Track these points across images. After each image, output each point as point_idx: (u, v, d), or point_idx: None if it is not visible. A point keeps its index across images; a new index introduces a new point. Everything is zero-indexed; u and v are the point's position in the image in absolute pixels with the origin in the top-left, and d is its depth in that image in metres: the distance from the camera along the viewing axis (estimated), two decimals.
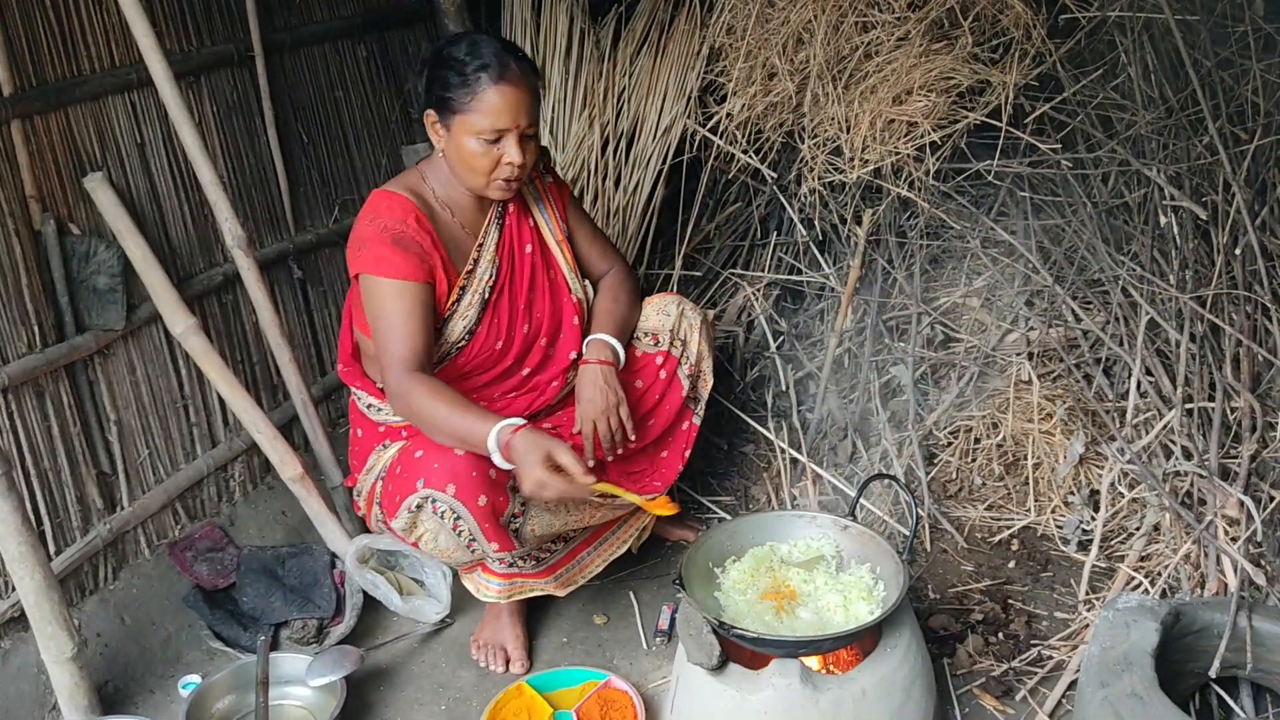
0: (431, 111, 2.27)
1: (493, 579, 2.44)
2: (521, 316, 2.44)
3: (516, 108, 2.20)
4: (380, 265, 2.23)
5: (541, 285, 2.47)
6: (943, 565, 2.77)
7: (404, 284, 2.22)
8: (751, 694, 2.01)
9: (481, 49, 2.21)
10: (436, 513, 2.19)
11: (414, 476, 2.21)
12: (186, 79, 2.81)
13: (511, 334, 2.43)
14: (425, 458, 2.21)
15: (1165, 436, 2.55)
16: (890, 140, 2.85)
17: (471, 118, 2.20)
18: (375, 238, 2.24)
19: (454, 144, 2.25)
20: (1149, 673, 1.96)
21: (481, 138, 2.21)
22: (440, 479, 2.17)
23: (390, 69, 3.66)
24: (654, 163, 3.39)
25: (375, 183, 3.55)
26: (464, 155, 2.25)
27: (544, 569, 2.47)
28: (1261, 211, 2.61)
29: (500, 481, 2.23)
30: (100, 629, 2.49)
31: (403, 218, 2.26)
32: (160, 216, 2.76)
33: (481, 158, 2.23)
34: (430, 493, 2.18)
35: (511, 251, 2.43)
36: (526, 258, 2.45)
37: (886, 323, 3.20)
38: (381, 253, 2.23)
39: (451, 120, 2.23)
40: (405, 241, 2.24)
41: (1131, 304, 2.77)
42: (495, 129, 2.20)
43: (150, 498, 2.69)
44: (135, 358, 2.68)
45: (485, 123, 2.19)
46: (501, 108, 2.19)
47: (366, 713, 2.39)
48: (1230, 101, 2.73)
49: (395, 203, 2.29)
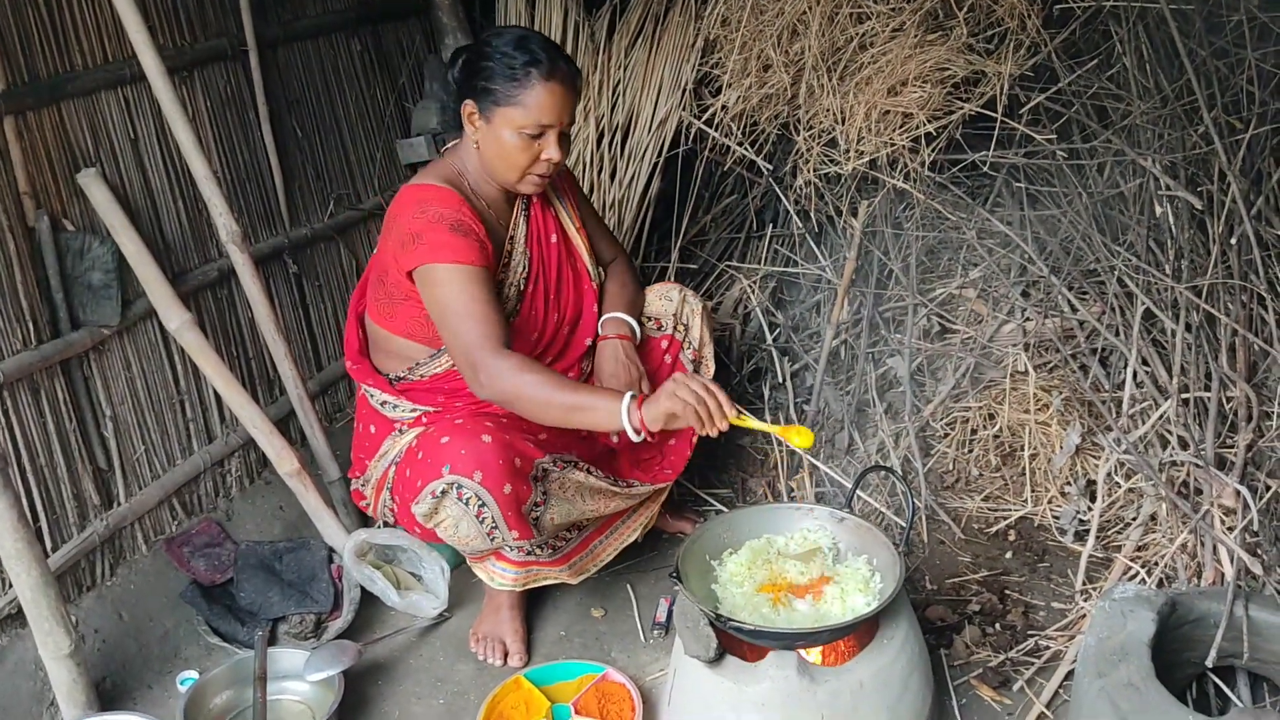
0: (470, 102, 2.25)
1: (508, 567, 2.44)
2: (552, 305, 2.46)
3: (563, 105, 2.22)
4: (443, 252, 2.20)
5: (566, 274, 2.50)
6: (940, 556, 2.77)
7: (473, 269, 2.20)
8: (749, 686, 2.02)
9: (531, 44, 2.20)
10: (461, 499, 2.19)
11: (439, 462, 2.19)
12: (180, 74, 2.80)
13: (544, 322, 2.45)
14: (451, 444, 2.20)
15: (1161, 426, 2.55)
16: (885, 131, 2.86)
17: (515, 111, 2.19)
18: (431, 226, 2.21)
19: (493, 136, 2.24)
20: (1146, 663, 1.96)
21: (524, 132, 2.21)
22: (467, 466, 2.17)
23: (384, 62, 3.65)
24: (649, 155, 3.38)
25: (370, 177, 3.56)
26: (503, 148, 2.24)
27: (559, 557, 2.48)
28: (1257, 201, 2.61)
29: (524, 470, 2.24)
30: (98, 625, 2.48)
31: (456, 206, 2.25)
32: (154, 212, 2.75)
33: (521, 152, 2.23)
34: (456, 479, 2.17)
35: (540, 241, 2.45)
36: (553, 247, 2.47)
37: (883, 314, 3.20)
38: (442, 239, 2.20)
39: (493, 113, 2.22)
40: (464, 228, 2.23)
41: (1127, 294, 2.77)
42: (540, 124, 2.20)
43: (147, 494, 2.69)
44: (130, 354, 2.67)
45: (531, 118, 2.19)
46: (549, 104, 2.19)
47: (365, 707, 2.39)
48: (1225, 91, 2.73)
49: (443, 193, 2.27)
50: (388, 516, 2.49)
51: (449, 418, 2.32)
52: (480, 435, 2.19)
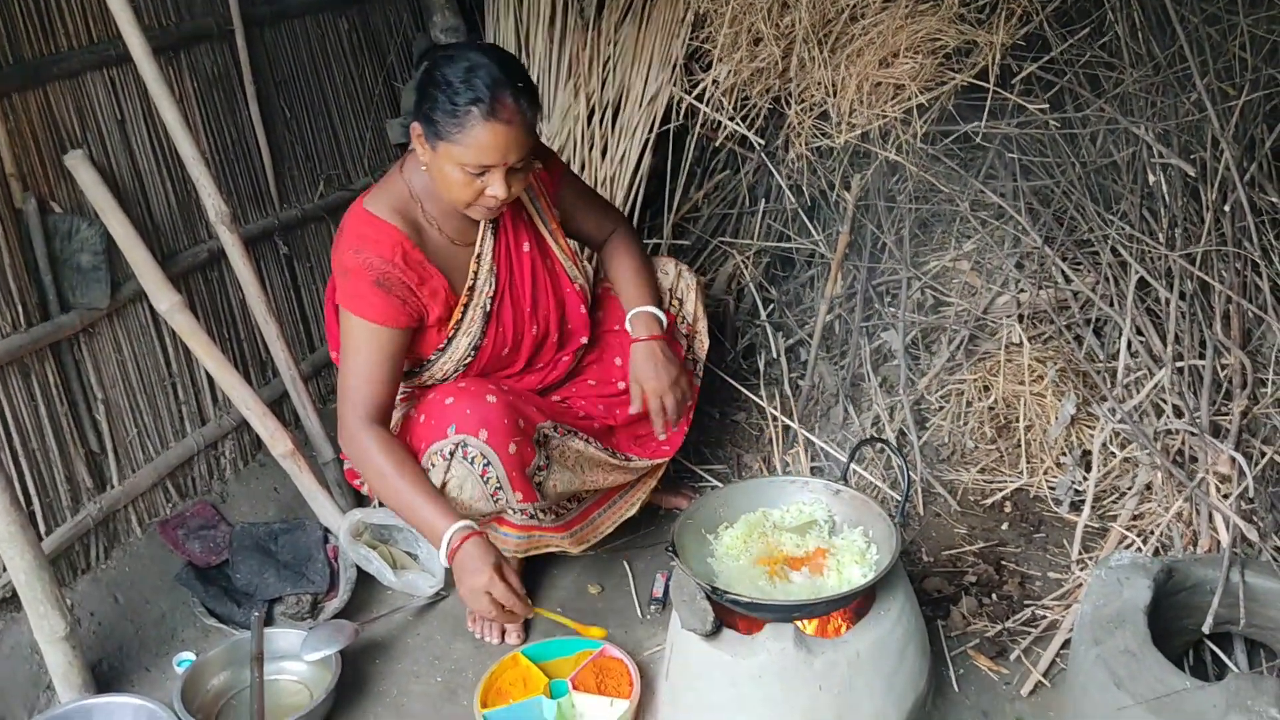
0: (418, 125, 2.14)
1: (511, 532, 2.43)
2: (528, 321, 2.41)
3: (506, 146, 2.08)
4: (358, 304, 2.19)
5: (543, 283, 2.43)
6: (936, 529, 2.77)
7: (379, 329, 2.20)
8: (746, 659, 2.02)
9: (476, 78, 2.05)
10: (467, 458, 2.19)
11: (444, 423, 2.20)
12: (166, 54, 2.78)
13: (519, 338, 2.41)
14: (456, 404, 2.21)
15: (1156, 395, 2.55)
16: (877, 104, 2.84)
17: (456, 150, 2.08)
18: (358, 273, 2.18)
19: (437, 166, 2.14)
20: (1142, 629, 1.97)
21: (465, 169, 2.10)
22: (473, 424, 2.18)
23: (373, 41, 3.63)
24: (640, 132, 3.36)
25: (360, 156, 3.54)
26: (447, 180, 2.14)
27: (562, 524, 2.48)
28: (1250, 167, 2.60)
29: (528, 433, 2.25)
30: (93, 608, 2.48)
31: (389, 256, 2.18)
32: (142, 193, 2.73)
33: (464, 187, 2.13)
34: (463, 437, 2.18)
35: (509, 254, 2.38)
36: (525, 256, 2.40)
37: (876, 288, 3.19)
38: (361, 290, 2.18)
39: (437, 144, 2.11)
40: (389, 283, 2.19)
41: (1121, 263, 2.76)
42: (480, 164, 2.09)
43: (140, 476, 2.68)
44: (121, 336, 2.66)
45: (470, 156, 2.08)
46: (490, 145, 2.07)
47: (362, 686, 2.39)
48: (1218, 57, 2.71)
49: (383, 235, 2.19)
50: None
51: (452, 382, 2.33)
52: (485, 396, 2.20)
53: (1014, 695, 2.23)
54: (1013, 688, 2.25)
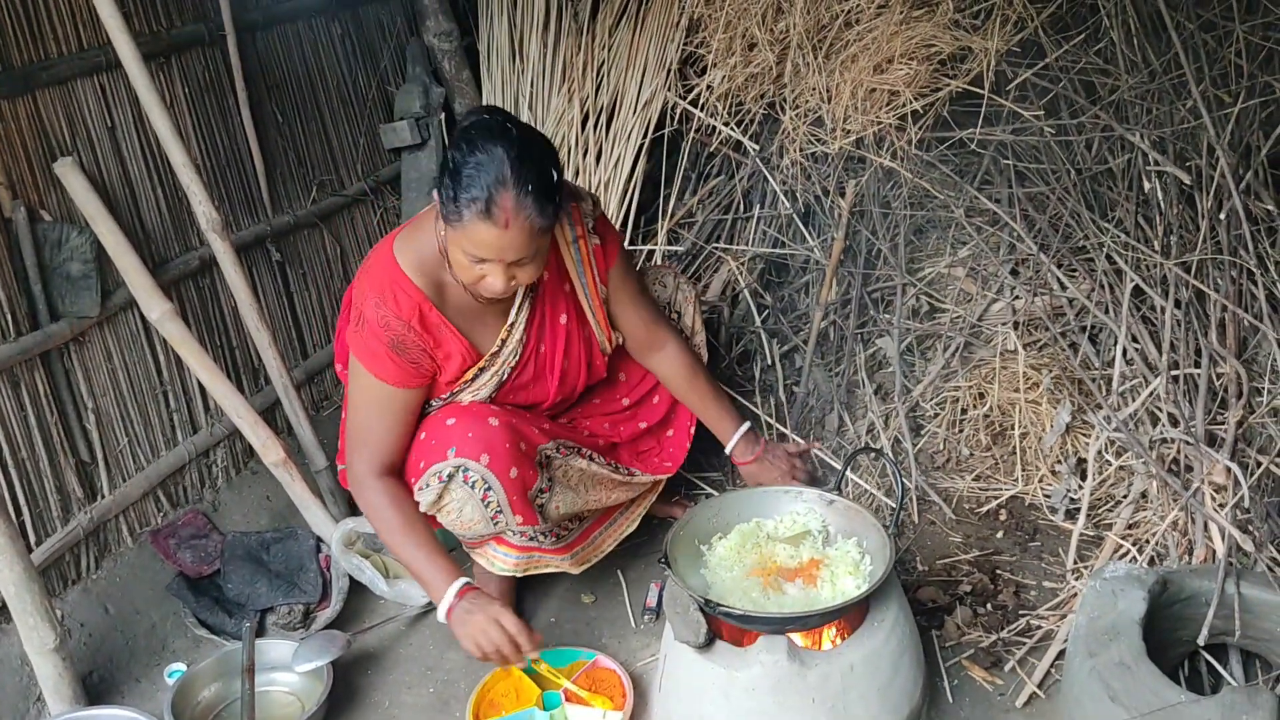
0: (436, 195, 2.06)
1: (509, 551, 2.40)
2: (555, 391, 2.40)
3: (502, 247, 2.01)
4: (371, 362, 2.18)
5: (577, 355, 2.40)
6: (930, 537, 2.76)
7: (389, 389, 2.19)
8: (739, 671, 2.01)
9: (482, 173, 1.96)
10: (468, 482, 2.17)
11: (445, 445, 2.18)
12: (156, 60, 2.77)
13: (536, 402, 2.40)
14: (458, 426, 2.19)
15: (1151, 403, 2.54)
16: (872, 110, 2.83)
17: (457, 234, 2.03)
18: (375, 330, 2.15)
19: (450, 242, 2.08)
20: (1137, 642, 1.96)
21: (467, 254, 2.05)
22: (474, 449, 2.16)
23: (366, 45, 3.61)
24: (635, 137, 3.35)
25: (353, 162, 3.53)
26: (452, 257, 2.10)
27: (562, 546, 2.45)
28: (1246, 175, 2.59)
29: (530, 455, 2.23)
30: (84, 619, 2.47)
31: (408, 319, 2.15)
32: (133, 201, 2.72)
33: (466, 270, 2.08)
34: (463, 461, 2.16)
35: (543, 324, 2.33)
36: (561, 328, 2.35)
37: (871, 295, 3.18)
38: (376, 350, 2.17)
39: (442, 224, 2.07)
40: (404, 346, 2.16)
41: (1116, 271, 2.75)
42: (478, 258, 2.04)
43: (131, 485, 2.67)
44: (112, 345, 2.64)
45: (468, 247, 2.03)
46: (485, 243, 2.01)
47: (354, 697, 2.38)
48: (1213, 64, 2.70)
49: (403, 295, 2.15)
50: None
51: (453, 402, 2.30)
52: (487, 418, 2.18)
53: (1008, 707, 2.22)
54: (1007, 699, 2.24)
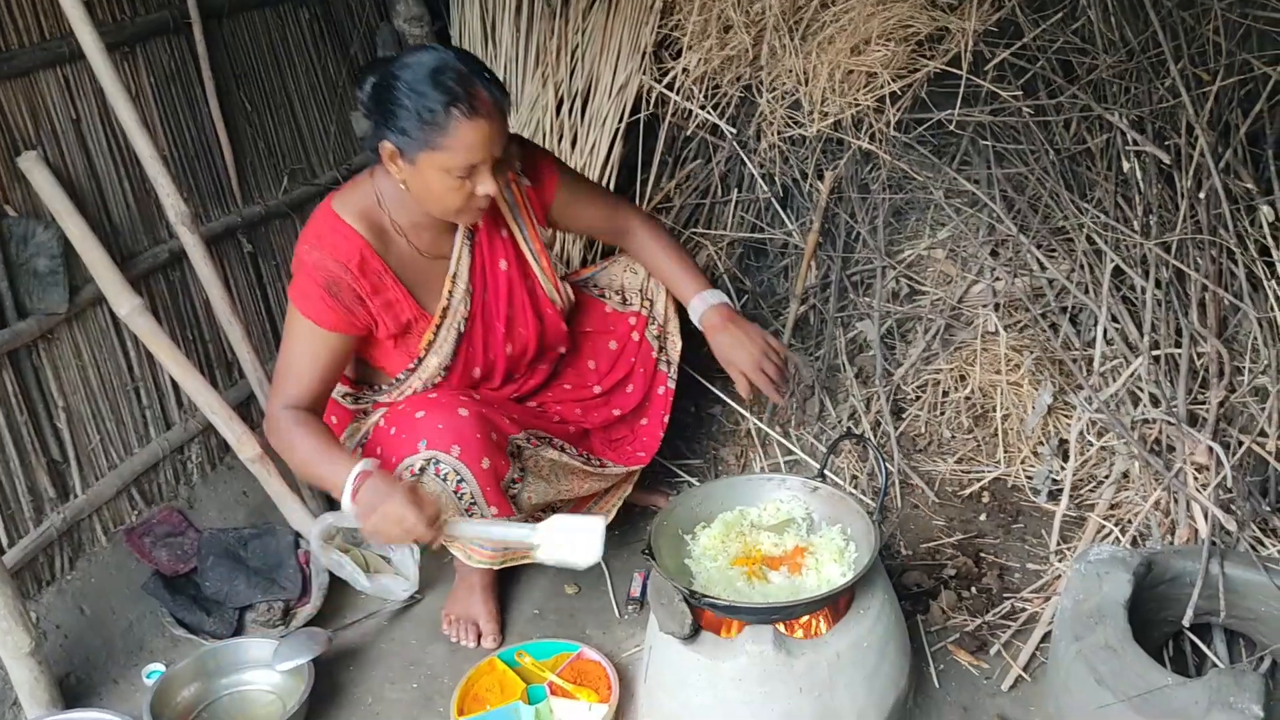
0: (389, 144, 2.05)
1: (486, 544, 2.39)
2: (502, 341, 2.36)
3: (492, 139, 2.03)
4: (304, 303, 2.15)
5: (521, 301, 2.37)
6: (914, 521, 2.75)
7: (319, 331, 2.15)
8: (725, 661, 1.99)
9: (446, 79, 1.98)
10: (439, 475, 2.15)
11: (415, 437, 2.16)
12: (120, 50, 2.70)
13: (491, 359, 2.37)
14: (428, 418, 2.16)
15: (1133, 384, 2.53)
16: (850, 92, 2.81)
17: (441, 156, 2.01)
18: (310, 272, 2.13)
19: (419, 179, 2.07)
20: (1122, 624, 1.96)
21: (453, 174, 2.04)
22: (444, 440, 2.13)
23: (335, 31, 3.55)
24: (610, 122, 3.31)
25: (324, 150, 3.47)
26: (431, 191, 2.08)
27: None
28: (1225, 154, 2.58)
29: (501, 445, 2.20)
30: (59, 621, 2.43)
31: (345, 261, 2.13)
32: (100, 194, 2.66)
33: (453, 193, 2.07)
34: (434, 454, 2.13)
35: (484, 272, 2.32)
36: (502, 275, 2.34)
37: (851, 278, 3.16)
38: (309, 291, 2.14)
39: (417, 156, 2.03)
40: (339, 288, 2.14)
41: (1096, 251, 2.74)
42: (469, 164, 2.03)
43: (104, 484, 2.62)
44: (81, 341, 2.59)
45: (458, 159, 2.01)
46: (477, 142, 2.01)
47: (336, 694, 2.35)
48: (1192, 42, 2.69)
49: (342, 239, 2.14)
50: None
51: (423, 394, 2.27)
52: (457, 409, 2.15)
53: (994, 691, 2.22)
54: (993, 683, 2.24)
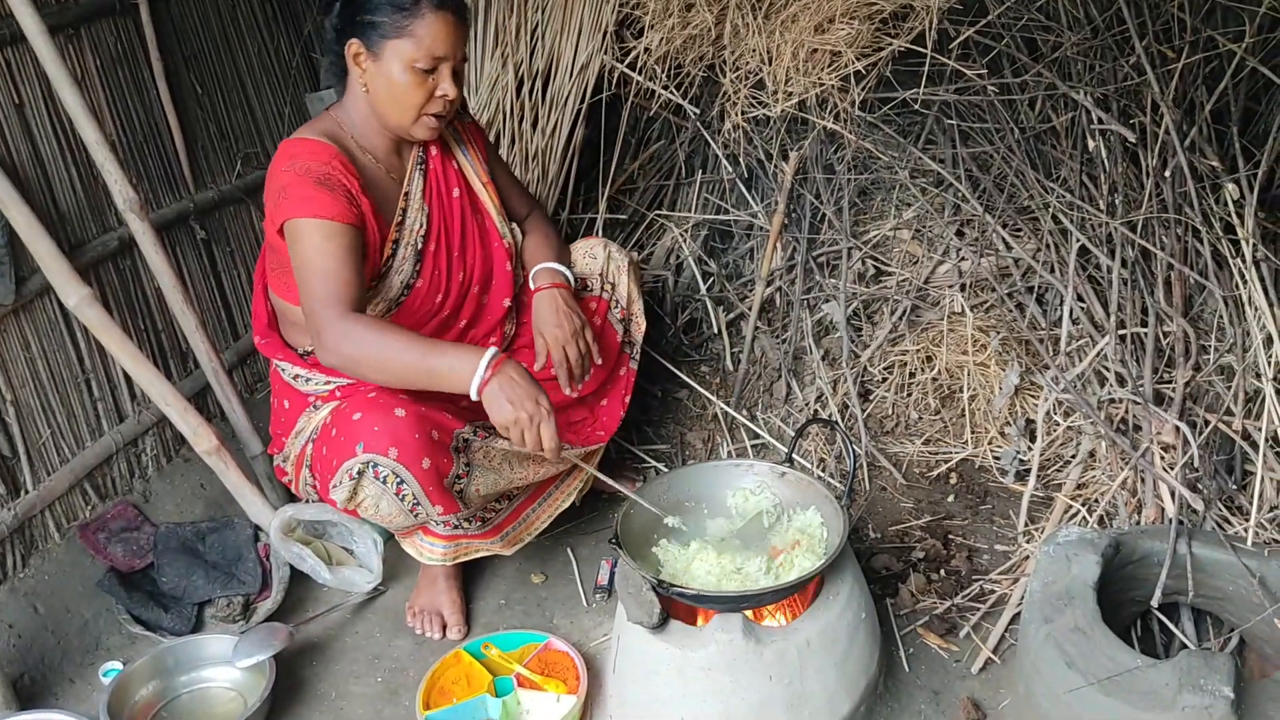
0: (356, 41, 2.13)
1: (436, 541, 2.36)
2: (456, 264, 2.35)
3: (456, 37, 2.12)
4: (306, 206, 2.07)
5: (471, 230, 2.38)
6: (882, 504, 2.74)
7: (334, 224, 2.07)
8: (694, 650, 1.97)
9: None
10: (378, 478, 2.09)
11: (353, 440, 2.09)
12: (64, 32, 2.62)
13: (449, 284, 2.33)
14: (364, 420, 2.09)
15: (1099, 363, 2.53)
16: (814, 71, 2.77)
17: (406, 44, 2.09)
18: (297, 180, 2.10)
19: (382, 75, 2.13)
20: (1091, 606, 1.95)
21: (416, 66, 2.10)
22: (381, 443, 2.07)
23: (288, 10, 3.48)
24: (572, 102, 3.26)
25: (279, 134, 3.40)
26: (394, 87, 2.13)
27: (490, 529, 2.39)
28: (1190, 131, 2.58)
29: (443, 443, 2.14)
30: (12, 620, 2.37)
31: (326, 160, 2.12)
32: (45, 182, 2.57)
33: (415, 89, 2.13)
34: (371, 457, 2.07)
35: (439, 196, 2.33)
36: (455, 202, 2.35)
37: (817, 259, 3.14)
38: (306, 193, 2.08)
39: (382, 48, 2.10)
40: (330, 182, 2.10)
41: (1062, 230, 2.74)
42: (434, 57, 2.10)
43: (56, 479, 2.55)
44: (29, 333, 2.52)
45: (423, 49, 2.09)
46: (442, 34, 2.09)
47: (299, 690, 2.31)
48: (1156, 19, 2.68)
49: (313, 146, 2.15)
50: (311, 494, 2.38)
51: (363, 390, 2.20)
52: (393, 409, 2.08)
53: (964, 673, 2.22)
54: (963, 665, 2.23)
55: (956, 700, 2.16)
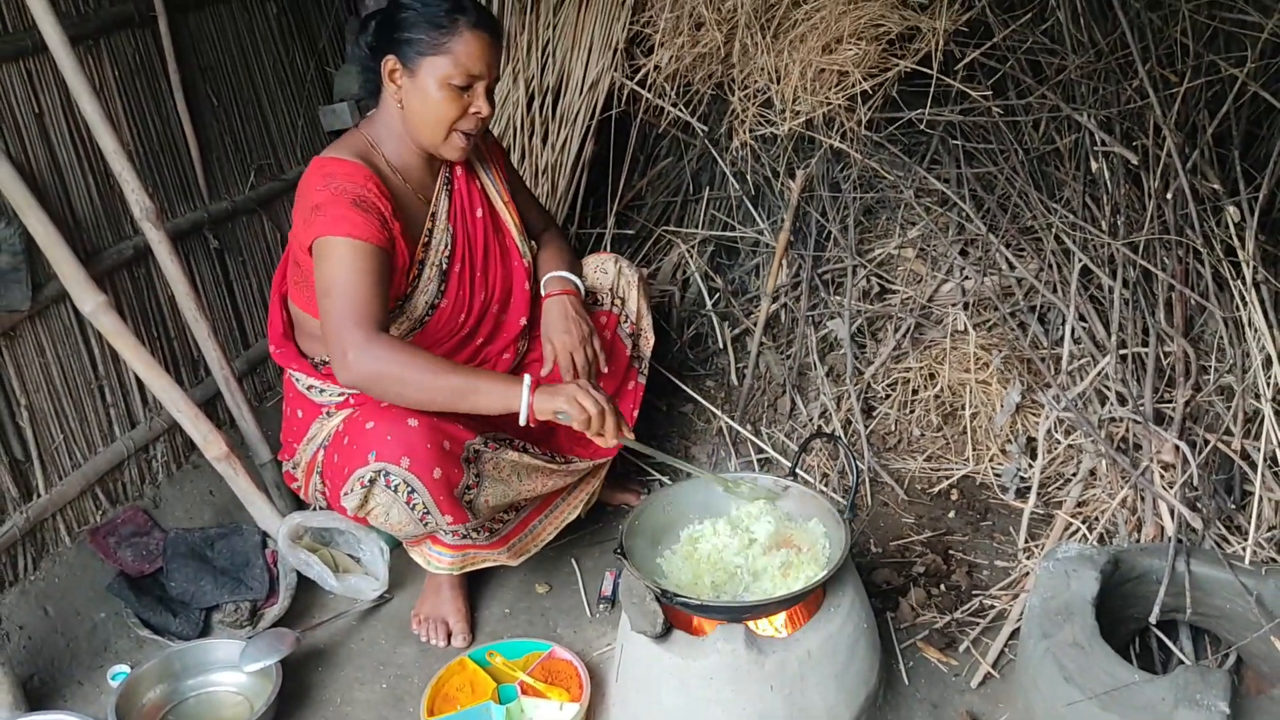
0: (392, 57, 2.17)
1: (444, 551, 2.39)
2: (479, 284, 2.37)
3: (491, 55, 2.17)
4: (339, 225, 2.09)
5: (494, 250, 2.41)
6: (884, 519, 2.76)
7: (366, 245, 2.09)
8: (696, 660, 1.99)
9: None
10: (390, 486, 2.12)
11: (365, 449, 2.12)
12: (85, 42, 2.66)
13: (471, 303, 2.36)
14: (377, 429, 2.12)
15: (1100, 383, 2.56)
16: (821, 90, 2.81)
17: (442, 60, 2.13)
18: (332, 199, 2.11)
19: (418, 91, 2.17)
20: (1090, 622, 1.97)
21: (452, 83, 2.14)
22: (393, 452, 2.09)
23: (303, 25, 3.52)
24: (582, 118, 3.30)
25: (293, 146, 3.44)
26: (428, 103, 2.17)
27: (497, 540, 2.42)
28: (1192, 155, 2.61)
29: (454, 453, 2.17)
30: (22, 622, 2.39)
31: (362, 182, 2.15)
32: (63, 190, 2.61)
33: (449, 105, 2.16)
34: (383, 466, 2.10)
35: (464, 217, 2.36)
36: (479, 222, 2.38)
37: (822, 276, 3.17)
38: (340, 213, 2.10)
39: (418, 65, 2.14)
40: (365, 204, 2.12)
41: (1064, 251, 2.76)
42: (469, 74, 2.14)
43: (68, 484, 2.58)
44: (44, 339, 2.55)
45: (460, 67, 2.13)
46: (478, 52, 2.14)
47: (305, 695, 2.33)
48: (1160, 44, 2.71)
49: (350, 167, 2.17)
50: (320, 500, 2.41)
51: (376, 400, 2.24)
52: (406, 419, 2.11)
53: (963, 687, 2.23)
54: (962, 679, 2.25)
55: (955, 714, 2.17)
